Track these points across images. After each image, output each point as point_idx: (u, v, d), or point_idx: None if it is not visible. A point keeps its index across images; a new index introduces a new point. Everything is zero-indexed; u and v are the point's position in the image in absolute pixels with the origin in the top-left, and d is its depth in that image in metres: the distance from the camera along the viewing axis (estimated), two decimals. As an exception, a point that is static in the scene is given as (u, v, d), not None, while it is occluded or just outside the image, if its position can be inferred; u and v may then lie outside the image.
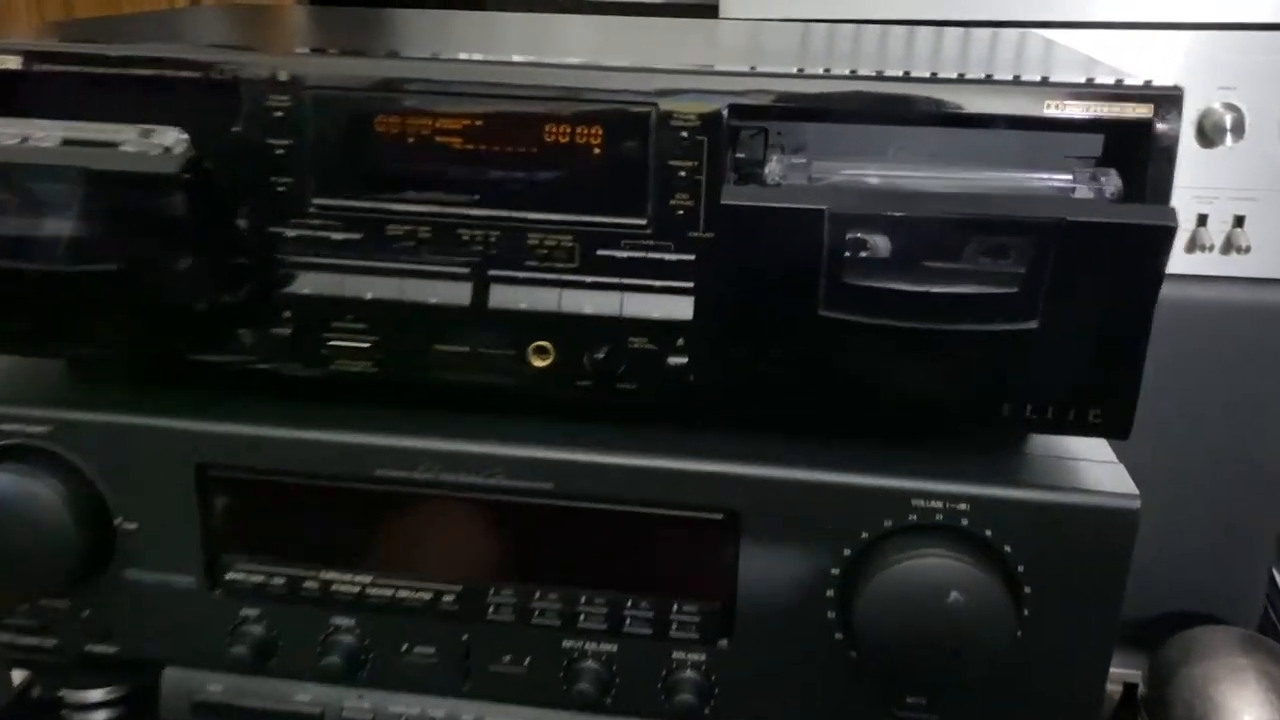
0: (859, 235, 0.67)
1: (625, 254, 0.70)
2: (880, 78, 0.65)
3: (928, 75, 0.66)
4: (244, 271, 0.72)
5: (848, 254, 0.68)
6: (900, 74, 0.65)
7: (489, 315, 0.71)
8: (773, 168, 0.65)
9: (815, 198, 0.62)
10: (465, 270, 0.71)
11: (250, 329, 0.73)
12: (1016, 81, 0.65)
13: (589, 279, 0.71)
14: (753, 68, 0.67)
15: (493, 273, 0.72)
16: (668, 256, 0.70)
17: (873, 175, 0.63)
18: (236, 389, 0.75)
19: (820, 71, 0.66)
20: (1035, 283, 0.66)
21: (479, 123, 0.69)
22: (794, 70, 0.66)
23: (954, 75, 0.66)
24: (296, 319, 0.73)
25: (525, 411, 0.74)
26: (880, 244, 0.68)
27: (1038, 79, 0.65)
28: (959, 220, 0.61)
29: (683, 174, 0.68)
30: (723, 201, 0.63)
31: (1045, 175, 0.61)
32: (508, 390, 0.73)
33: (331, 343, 0.73)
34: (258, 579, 0.77)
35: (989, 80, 0.65)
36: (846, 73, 0.66)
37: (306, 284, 0.73)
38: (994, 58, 0.77)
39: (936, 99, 0.65)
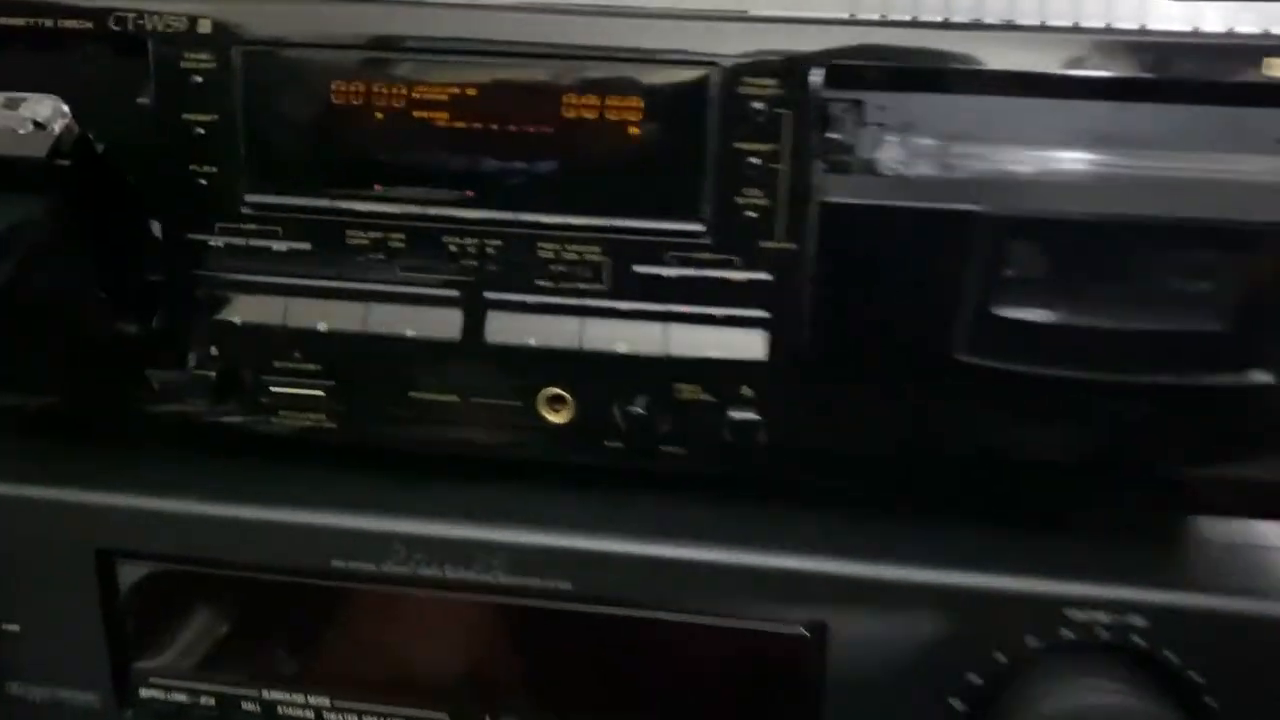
0: (1024, 247, 0.48)
1: (673, 271, 0.56)
2: (1040, 28, 0.50)
3: (1100, 26, 0.49)
4: (154, 293, 0.60)
5: (1007, 274, 0.49)
6: (1067, 24, 0.49)
7: (485, 352, 0.58)
8: (890, 153, 0.50)
9: (963, 194, 0.48)
10: (454, 292, 0.58)
11: (165, 370, 0.61)
12: (1230, 36, 0.49)
13: (622, 305, 0.57)
14: (852, 15, 0.51)
15: (490, 295, 0.58)
16: (733, 275, 0.55)
17: (1029, 164, 0.50)
18: (150, 450, 0.65)
19: (944, 19, 0.51)
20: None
21: (472, 92, 0.54)
22: (908, 18, 0.51)
23: (1135, 27, 0.50)
24: (226, 356, 0.61)
25: (534, 483, 0.62)
26: (1050, 261, 0.49)
27: (1255, 31, 0.49)
28: (1188, 226, 0.46)
29: (754, 161, 0.53)
30: (825, 199, 0.49)
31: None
32: (511, 453, 0.60)
33: (274, 388, 0.61)
34: (180, 697, 0.65)
35: (1191, 35, 0.49)
36: (986, 22, 0.50)
37: (239, 310, 0.60)
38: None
39: (1118, 58, 0.49)
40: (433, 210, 0.57)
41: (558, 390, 0.59)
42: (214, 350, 0.61)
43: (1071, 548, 0.56)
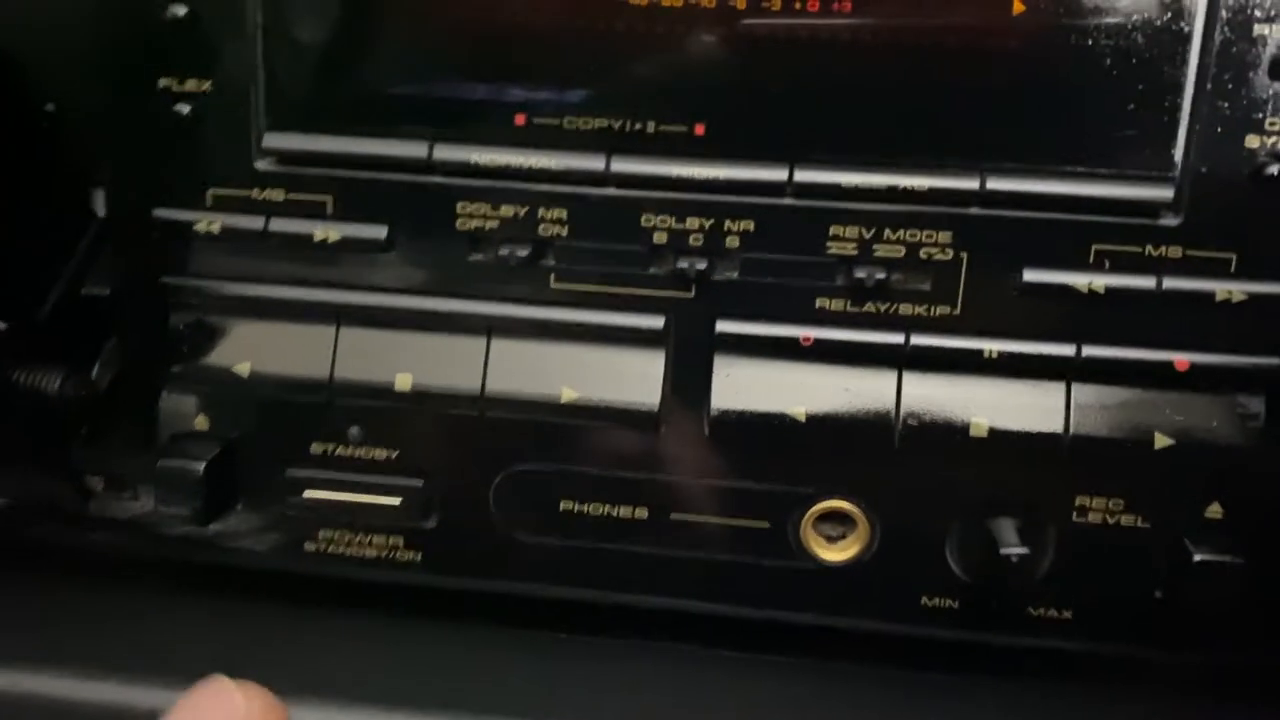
0: None
1: (1104, 281, 0.36)
2: None
3: None
4: (91, 318, 0.41)
5: None
6: None
7: (708, 429, 0.39)
8: None
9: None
10: (654, 321, 0.38)
11: (109, 458, 0.42)
12: None
13: (983, 345, 0.37)
14: None
15: (727, 328, 0.38)
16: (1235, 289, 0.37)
17: None
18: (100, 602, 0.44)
19: None
20: None
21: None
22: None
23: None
24: (223, 433, 0.41)
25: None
26: None
27: None
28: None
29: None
30: None
31: None
32: (739, 611, 0.42)
33: (310, 492, 0.41)
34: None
35: None
36: None
37: (248, 347, 0.40)
38: None
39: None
40: (627, 166, 0.38)
41: (839, 504, 0.39)
42: (203, 421, 0.42)
43: None
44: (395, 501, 0.41)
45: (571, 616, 0.45)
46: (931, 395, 0.38)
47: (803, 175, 0.37)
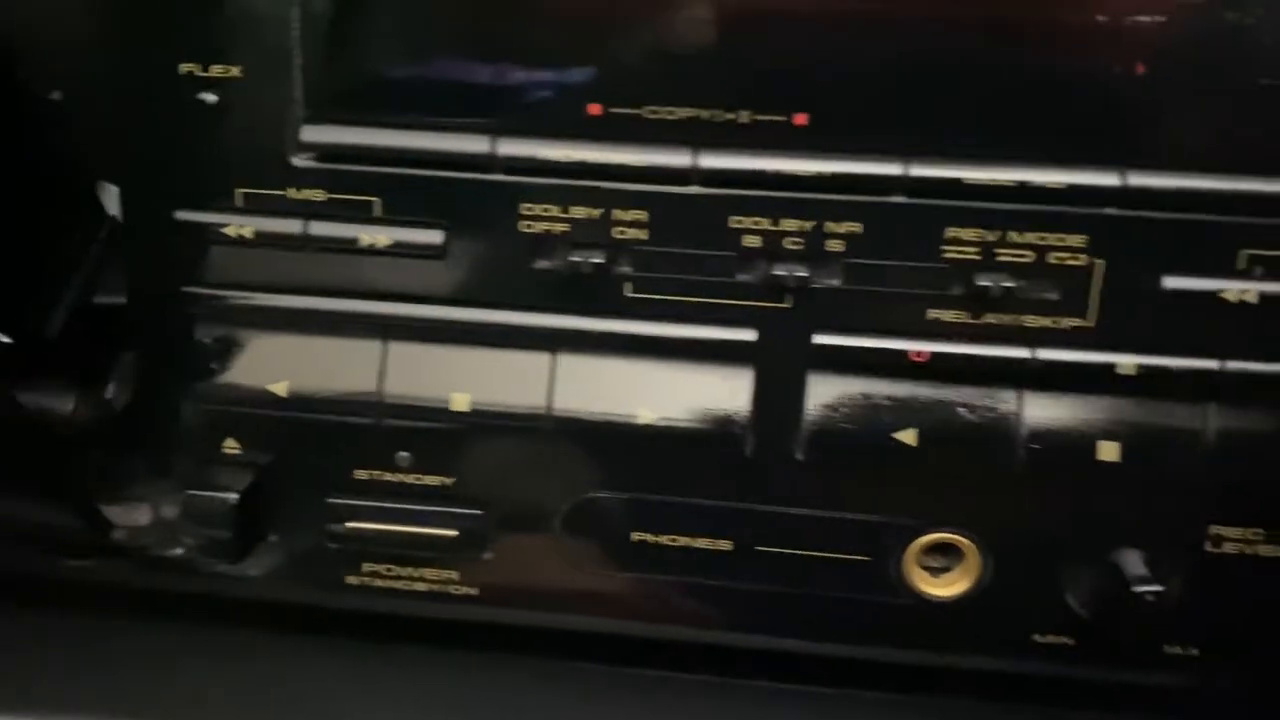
0: None
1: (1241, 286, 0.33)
2: None
3: None
4: (104, 330, 0.37)
5: None
6: None
7: (804, 458, 0.35)
8: None
9: None
10: (746, 334, 0.34)
11: (128, 490, 0.38)
12: None
13: (1119, 358, 0.34)
14: None
15: (823, 341, 0.34)
16: None
17: None
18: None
19: None
20: None
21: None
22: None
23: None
24: (256, 458, 0.37)
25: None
26: None
27: None
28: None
29: None
30: None
31: None
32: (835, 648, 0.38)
33: (352, 524, 0.37)
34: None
35: None
36: None
37: (283, 362, 0.36)
38: None
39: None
40: (717, 162, 0.33)
41: (949, 536, 0.35)
42: (233, 445, 0.37)
43: None
44: (451, 533, 0.37)
45: (642, 653, 0.40)
46: (1057, 415, 0.34)
47: (918, 170, 0.33)
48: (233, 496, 0.36)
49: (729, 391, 0.35)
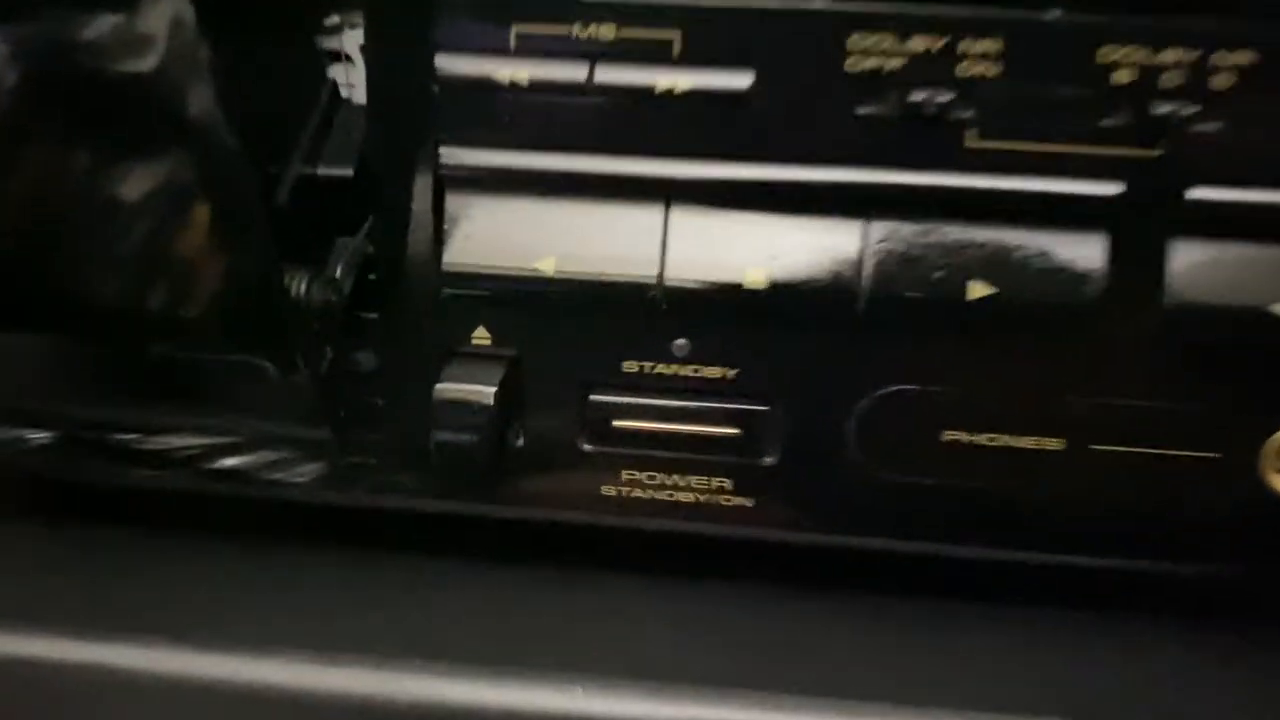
0: None
1: None
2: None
3: None
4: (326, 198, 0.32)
5: None
6: None
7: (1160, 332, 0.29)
8: None
9: None
10: (1109, 193, 0.28)
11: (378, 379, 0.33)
12: None
13: None
14: None
15: (1199, 196, 0.28)
16: None
17: None
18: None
19: None
20: None
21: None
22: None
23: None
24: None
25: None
26: None
27: None
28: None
29: None
30: None
31: None
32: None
33: (617, 422, 0.32)
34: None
35: None
36: None
37: (543, 238, 0.31)
38: None
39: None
40: None
41: None
42: (483, 334, 0.32)
43: None
44: (734, 431, 0.31)
45: (940, 575, 0.34)
46: None
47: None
48: (490, 391, 0.31)
49: (1078, 257, 0.28)
